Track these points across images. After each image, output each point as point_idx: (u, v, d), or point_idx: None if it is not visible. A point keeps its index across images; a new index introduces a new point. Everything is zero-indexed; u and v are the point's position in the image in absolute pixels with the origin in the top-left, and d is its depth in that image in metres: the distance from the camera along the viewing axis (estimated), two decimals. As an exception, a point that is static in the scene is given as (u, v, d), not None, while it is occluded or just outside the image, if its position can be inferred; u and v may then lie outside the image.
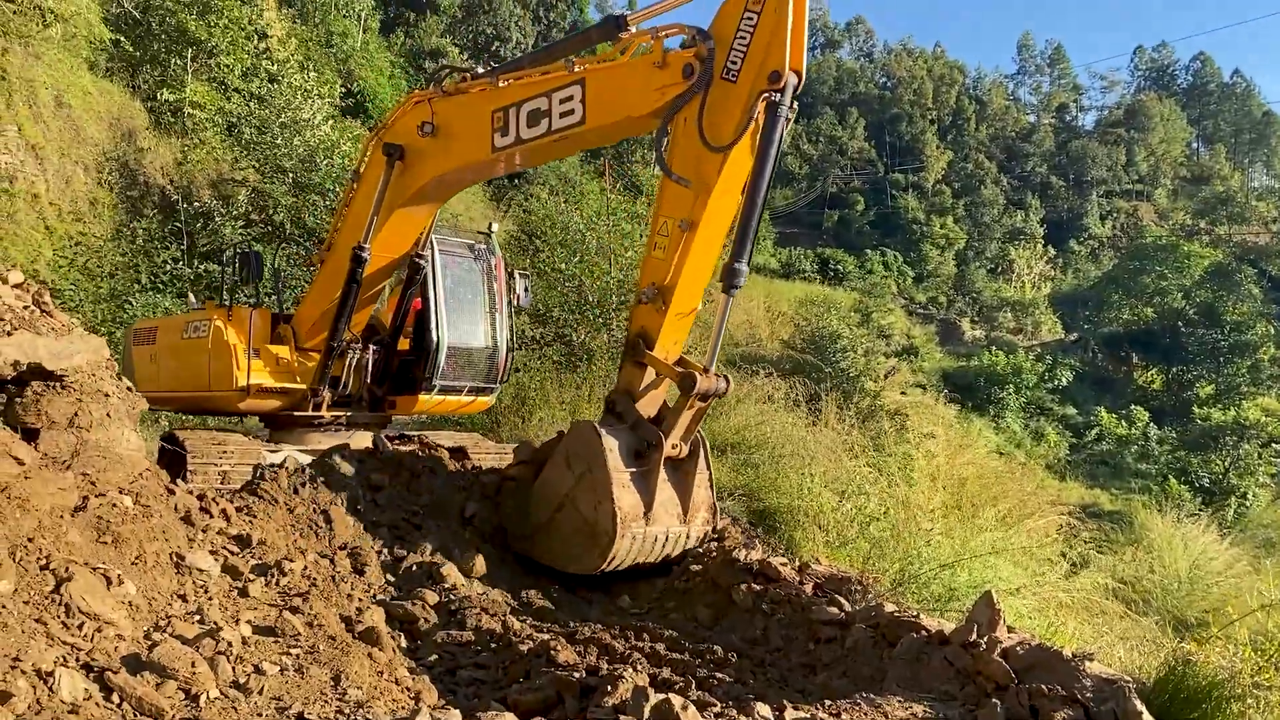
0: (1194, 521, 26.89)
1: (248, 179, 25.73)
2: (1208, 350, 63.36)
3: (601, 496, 7.89)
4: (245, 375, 11.04)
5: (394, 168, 10.24)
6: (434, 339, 11.59)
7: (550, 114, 8.75)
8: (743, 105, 7.49)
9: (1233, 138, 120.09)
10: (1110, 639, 9.05)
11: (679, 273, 7.88)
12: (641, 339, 8.17)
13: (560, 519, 8.33)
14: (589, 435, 8.12)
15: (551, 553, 8.45)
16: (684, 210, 7.81)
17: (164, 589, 5.10)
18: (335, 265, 11.16)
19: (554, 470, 8.50)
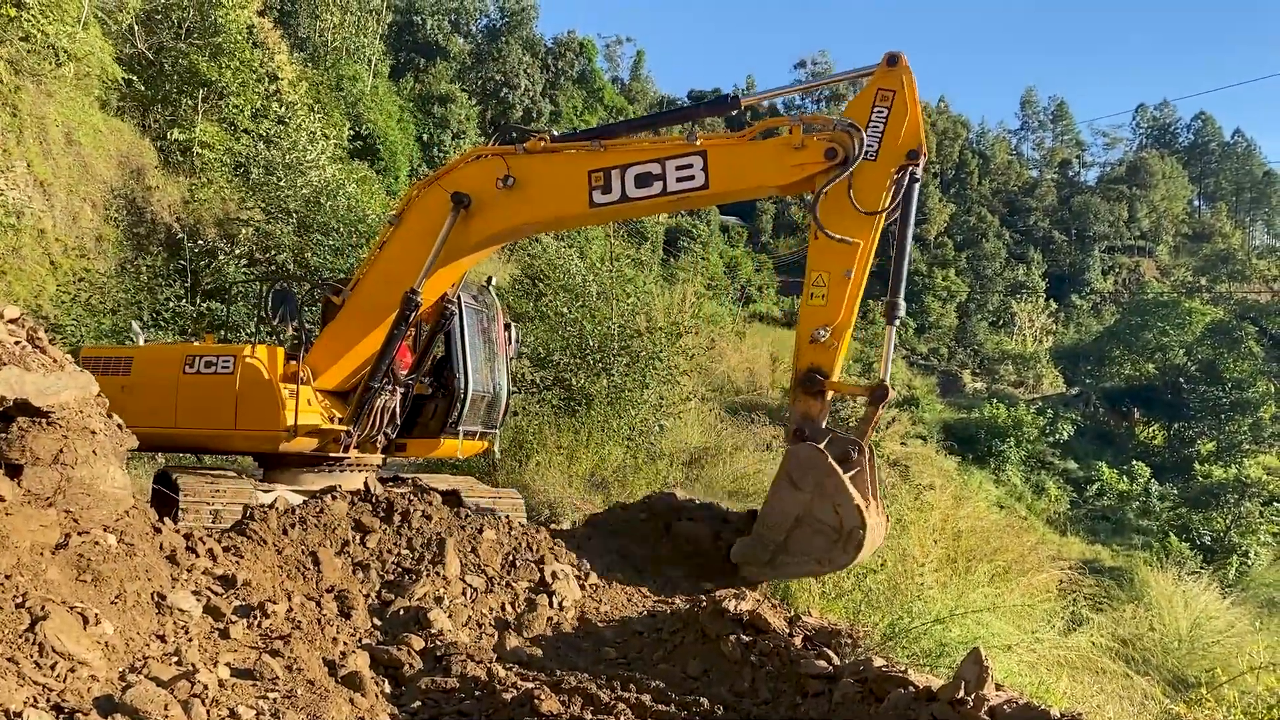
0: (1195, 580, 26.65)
1: (253, 219, 25.91)
2: (1209, 407, 63.21)
3: (840, 501, 8.99)
4: (293, 415, 10.90)
5: (458, 215, 10.61)
6: (460, 384, 11.73)
7: (665, 178, 9.99)
8: (885, 178, 9.35)
9: (1234, 196, 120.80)
10: (1101, 699, 8.94)
11: (851, 312, 9.52)
12: (815, 373, 9.55)
13: (798, 535, 9.25)
14: (813, 454, 9.18)
15: (797, 565, 9.47)
16: (845, 263, 9.41)
17: (143, 629, 5.05)
18: (360, 307, 11.29)
19: (781, 494, 9.41)
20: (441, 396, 12.11)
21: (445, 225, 10.65)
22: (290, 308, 11.45)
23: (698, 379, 24.85)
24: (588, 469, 17.84)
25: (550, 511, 15.10)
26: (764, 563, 9.52)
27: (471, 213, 10.69)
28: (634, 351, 21.68)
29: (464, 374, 11.82)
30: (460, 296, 11.87)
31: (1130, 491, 53.11)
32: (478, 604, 9.21)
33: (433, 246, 10.70)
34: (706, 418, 25.07)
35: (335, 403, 11.74)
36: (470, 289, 12.87)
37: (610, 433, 19.64)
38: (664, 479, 19.17)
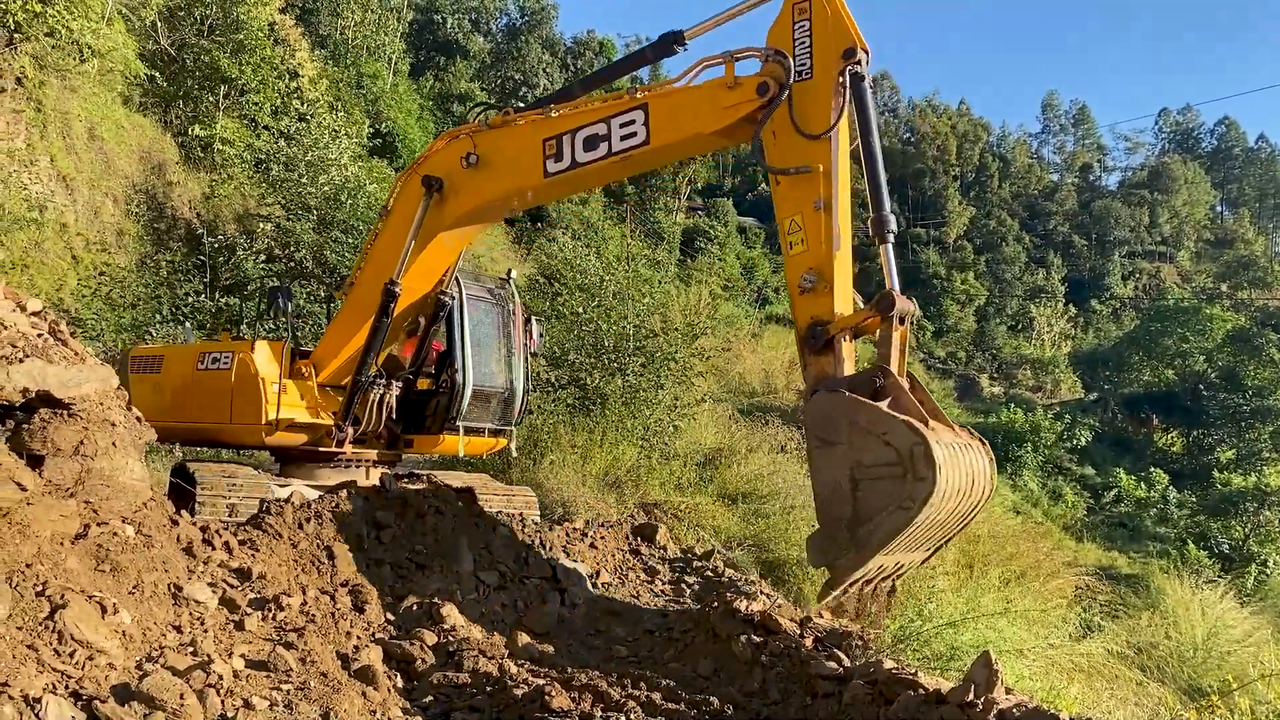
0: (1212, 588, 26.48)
1: (273, 215, 26.07)
2: (1229, 414, 62.73)
3: (883, 428, 7.28)
4: (275, 409, 11.05)
5: (431, 199, 10.49)
6: (459, 379, 11.67)
7: (610, 138, 9.28)
8: (828, 92, 8.22)
9: (1257, 202, 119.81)
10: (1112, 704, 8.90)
11: (830, 249, 8.15)
12: (815, 324, 8.11)
13: (863, 495, 7.38)
14: (829, 399, 7.73)
15: (881, 525, 7.25)
16: (811, 194, 8.22)
17: (159, 619, 5.12)
18: (358, 301, 11.27)
19: (820, 462, 7.72)
20: (443, 392, 12.01)
21: (419, 211, 10.57)
22: (283, 304, 11.59)
23: (713, 380, 24.85)
24: (602, 468, 17.85)
25: (564, 510, 15.13)
26: (846, 546, 7.46)
27: (444, 195, 10.53)
28: (649, 352, 21.68)
29: (463, 368, 11.70)
30: (460, 289, 11.76)
31: (1148, 498, 52.80)
32: (490, 600, 9.27)
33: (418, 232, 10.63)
34: (721, 419, 25.04)
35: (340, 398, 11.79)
36: (487, 282, 12.88)
37: (625, 433, 19.64)
38: (677, 479, 19.20)
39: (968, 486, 7.51)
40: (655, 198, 53.54)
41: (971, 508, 7.80)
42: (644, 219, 51.50)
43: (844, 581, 7.50)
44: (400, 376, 11.94)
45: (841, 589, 7.59)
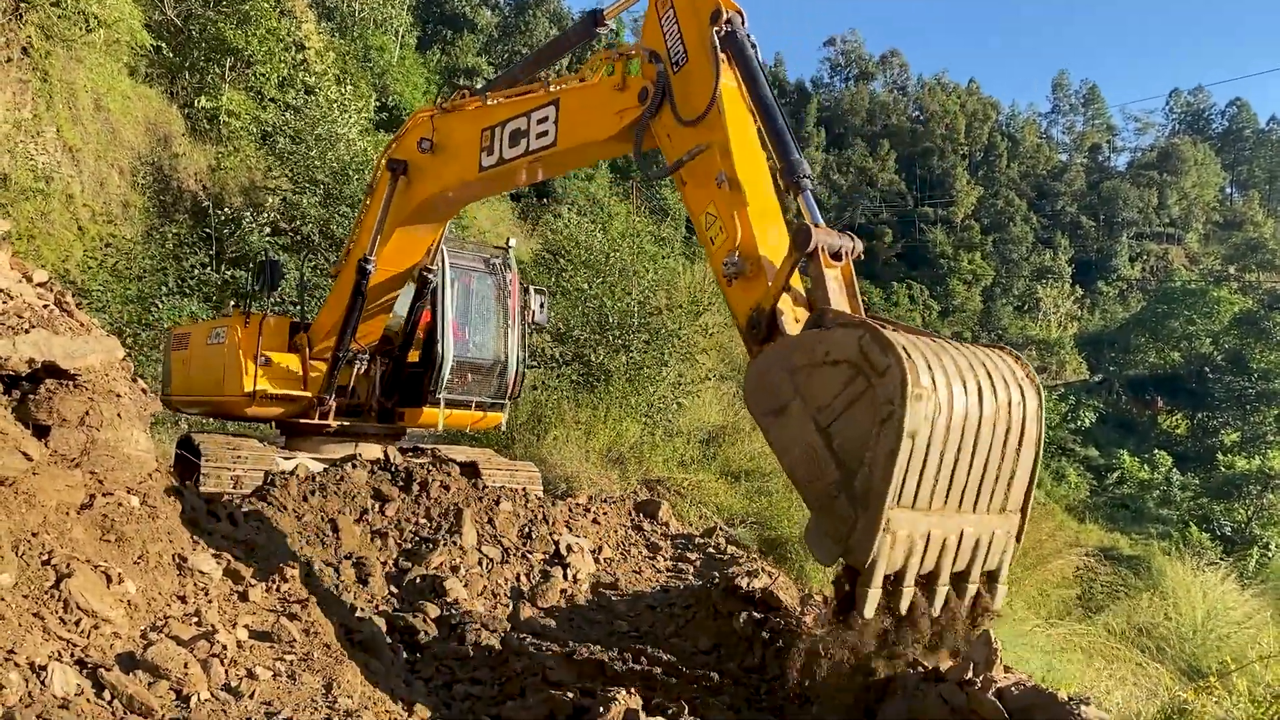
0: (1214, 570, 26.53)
1: (279, 188, 26.05)
2: (1234, 397, 62.73)
3: (823, 350, 5.83)
4: (252, 381, 11.20)
5: (398, 183, 10.35)
6: (439, 352, 11.68)
7: (529, 134, 8.73)
8: (705, 69, 7.26)
9: (1267, 184, 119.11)
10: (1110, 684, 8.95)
11: (746, 220, 6.90)
12: (755, 314, 6.59)
13: (840, 437, 5.68)
14: (759, 364, 6.34)
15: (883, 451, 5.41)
16: (712, 171, 7.12)
17: (164, 589, 5.16)
18: (347, 277, 11.29)
19: (778, 432, 6.08)
20: (428, 364, 11.97)
21: (386, 194, 10.45)
22: (271, 277, 11.66)
23: (717, 357, 24.85)
24: (605, 444, 17.92)
25: (567, 486, 15.20)
26: (849, 514, 5.57)
27: (409, 180, 10.33)
28: (653, 329, 21.71)
29: (442, 340, 11.66)
30: (444, 261, 11.70)
31: (1151, 480, 52.85)
32: (493, 574, 9.33)
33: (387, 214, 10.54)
34: (725, 397, 25.08)
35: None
36: (483, 252, 12.86)
37: (628, 409, 19.70)
38: (681, 457, 19.26)
39: (980, 380, 5.75)
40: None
41: (1010, 414, 5.85)
42: (649, 195, 51.35)
43: (873, 566, 5.47)
44: (388, 350, 11.99)
45: (876, 581, 5.52)
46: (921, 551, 5.61)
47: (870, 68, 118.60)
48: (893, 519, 5.42)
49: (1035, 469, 6.04)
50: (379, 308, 11.51)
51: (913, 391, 5.28)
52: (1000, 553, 6.02)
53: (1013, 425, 5.82)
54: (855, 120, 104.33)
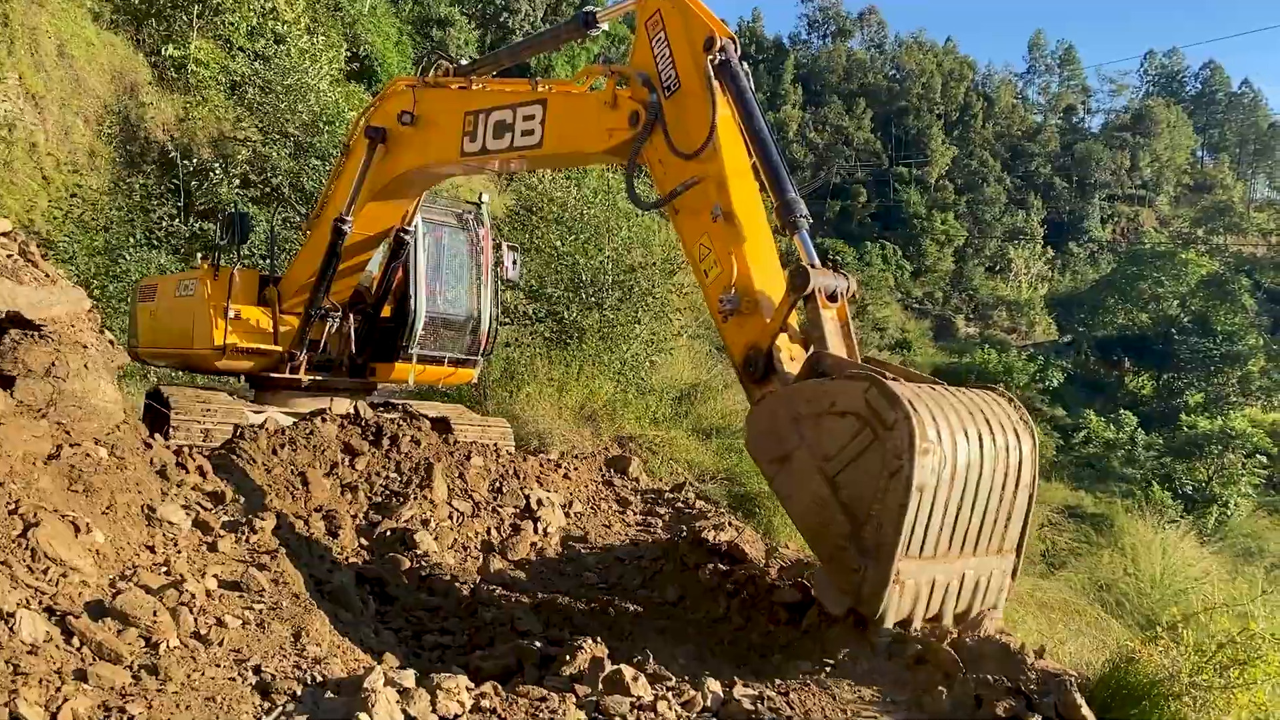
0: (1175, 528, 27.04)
1: (249, 139, 25.68)
2: (1199, 359, 63.61)
3: (829, 401, 5.96)
4: (222, 335, 11.17)
5: (375, 151, 10.22)
6: (412, 307, 11.69)
7: (514, 129, 8.65)
8: (700, 96, 7.23)
9: (1237, 148, 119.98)
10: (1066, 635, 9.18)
11: (743, 257, 6.97)
12: (751, 353, 6.74)
13: (845, 491, 5.88)
14: (763, 409, 6.50)
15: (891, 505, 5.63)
16: (708, 203, 7.13)
17: (133, 539, 5.19)
18: (321, 234, 11.23)
19: (786, 483, 6.27)
20: (401, 319, 12.00)
21: (363, 161, 10.31)
22: (239, 231, 11.58)
23: (690, 315, 24.89)
24: (578, 402, 17.97)
25: (539, 442, 15.26)
26: (858, 564, 5.79)
27: (388, 149, 10.18)
28: (627, 286, 21.71)
29: (415, 296, 11.70)
30: (419, 225, 11.64)
31: (1116, 440, 53.66)
32: (464, 528, 9.41)
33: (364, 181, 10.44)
34: (698, 354, 25.17)
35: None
36: (456, 207, 12.82)
37: (601, 366, 19.74)
38: (653, 414, 19.35)
39: (980, 429, 5.99)
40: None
41: (1009, 463, 6.12)
42: (625, 152, 50.96)
43: (883, 615, 5.74)
44: (359, 307, 11.98)
45: (891, 619, 5.79)
46: (927, 598, 5.95)
47: (848, 25, 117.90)
48: (902, 569, 5.68)
49: (1030, 509, 6.38)
50: (352, 266, 11.48)
51: (920, 446, 5.50)
52: (998, 591, 6.38)
53: (1010, 470, 6.12)
54: (832, 78, 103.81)
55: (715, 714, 5.07)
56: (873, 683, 5.61)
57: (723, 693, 5.30)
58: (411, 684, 4.58)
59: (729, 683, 5.44)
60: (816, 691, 5.41)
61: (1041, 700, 5.24)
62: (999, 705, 5.19)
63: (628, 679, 5.16)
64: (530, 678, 5.78)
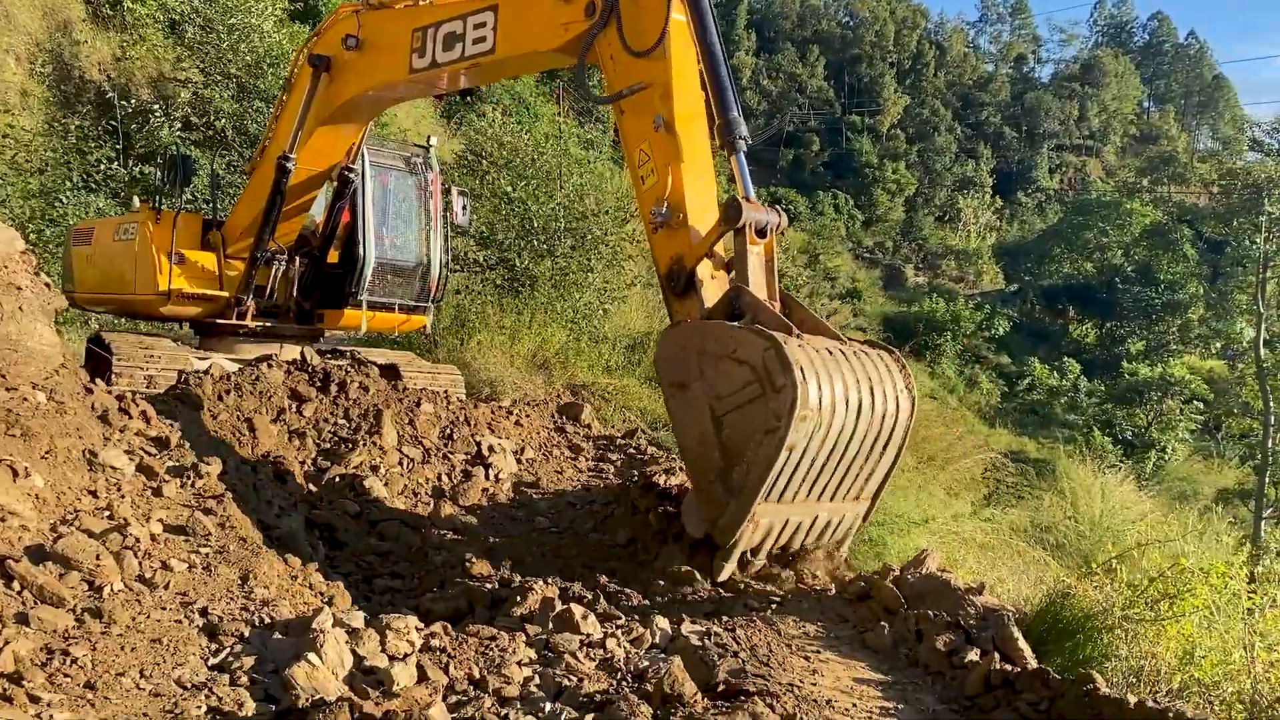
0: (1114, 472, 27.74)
1: (190, 80, 24.95)
2: (1141, 307, 64.82)
3: (732, 347, 6.33)
4: (167, 280, 10.95)
5: (320, 80, 10.06)
6: (360, 253, 11.52)
7: (464, 39, 8.60)
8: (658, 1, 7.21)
9: (1182, 99, 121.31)
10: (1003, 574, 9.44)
11: (679, 173, 7.08)
12: (675, 267, 7.04)
13: (729, 431, 6.34)
14: (673, 337, 6.90)
15: (755, 461, 6.17)
16: (651, 114, 7.22)
17: (74, 484, 5.12)
18: (264, 174, 11.00)
19: (678, 408, 6.76)
20: (349, 265, 11.82)
21: (307, 91, 10.16)
22: (182, 173, 11.33)
23: (643, 264, 24.84)
24: (530, 350, 17.92)
25: (491, 390, 15.21)
26: (722, 500, 6.39)
27: (332, 77, 10.06)
28: (580, 234, 21.56)
29: (363, 242, 11.50)
30: (365, 160, 11.44)
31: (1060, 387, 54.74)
32: (414, 474, 9.39)
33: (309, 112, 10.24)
34: (651, 303, 25.14)
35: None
36: (403, 150, 12.61)
37: (553, 315, 19.67)
38: (606, 362, 19.36)
39: (862, 396, 6.39)
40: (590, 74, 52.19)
41: (882, 427, 6.58)
42: (577, 97, 50.42)
43: (733, 545, 6.39)
44: (306, 250, 11.78)
45: (734, 557, 6.51)
46: (778, 534, 6.59)
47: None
48: (758, 511, 6.29)
49: (894, 465, 6.94)
50: (297, 207, 11.28)
51: (799, 413, 5.97)
52: (847, 530, 7.03)
53: (882, 433, 6.64)
54: (786, 24, 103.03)
55: (664, 650, 5.15)
56: (816, 619, 5.74)
57: (671, 629, 5.39)
58: (360, 624, 4.59)
59: (677, 620, 5.54)
60: (762, 627, 5.52)
61: (980, 634, 5.40)
62: (939, 639, 5.34)
63: (577, 617, 5.23)
64: (481, 619, 5.83)
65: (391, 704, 3.90)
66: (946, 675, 5.17)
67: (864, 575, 6.32)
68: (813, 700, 4.63)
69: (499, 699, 4.31)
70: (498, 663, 4.66)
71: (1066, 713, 4.54)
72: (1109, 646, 5.45)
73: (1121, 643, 5.42)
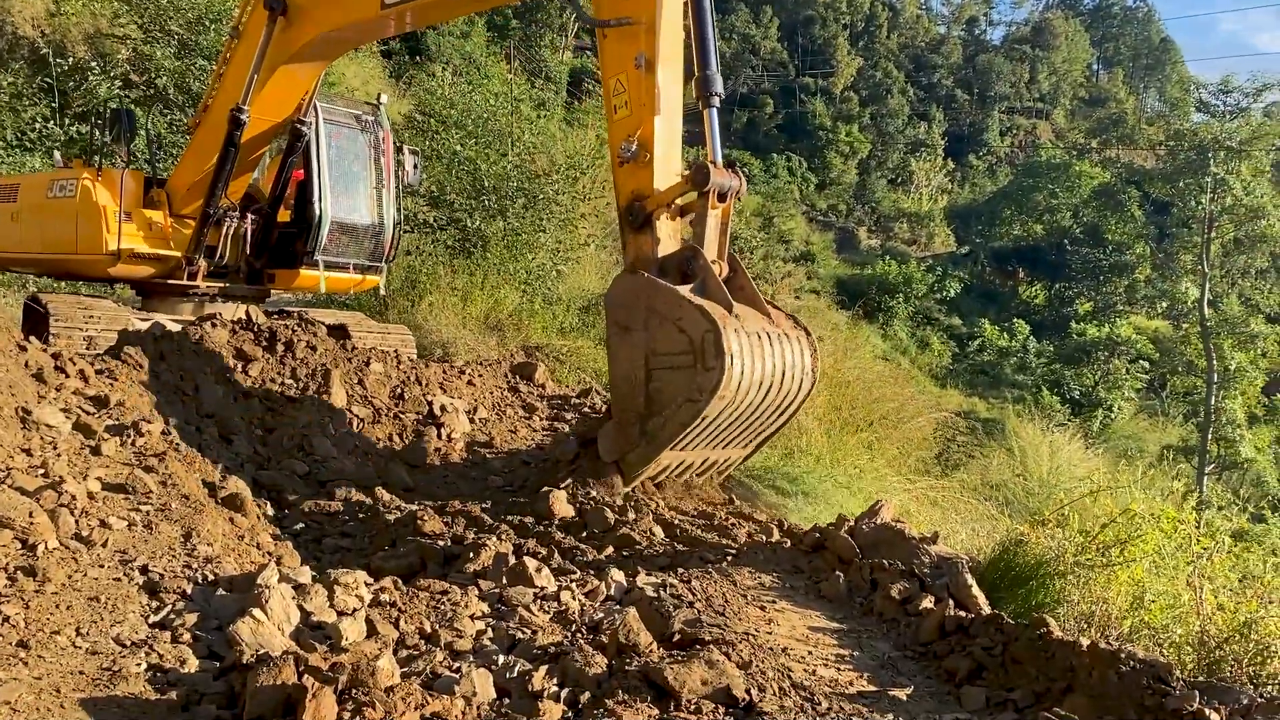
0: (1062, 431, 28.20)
1: (129, 36, 24.20)
2: (1089, 269, 65.66)
3: (678, 315, 6.98)
4: (116, 239, 10.61)
5: (275, 23, 9.81)
6: (316, 211, 11.25)
7: None
8: None
9: (1131, 61, 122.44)
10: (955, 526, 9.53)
11: (651, 124, 7.38)
12: (636, 200, 7.48)
13: (656, 386, 7.15)
14: (628, 284, 7.41)
15: (671, 418, 7.07)
16: (633, 48, 7.42)
17: (6, 442, 4.94)
18: (212, 128, 10.69)
19: (616, 349, 7.54)
20: (303, 224, 11.56)
21: (263, 37, 9.90)
22: (126, 129, 10.95)
23: (596, 223, 24.65)
24: (483, 311, 17.72)
25: (443, 352, 15.04)
26: (636, 440, 7.33)
27: (289, 20, 9.83)
28: (531, 194, 21.31)
29: (320, 200, 11.24)
30: (318, 116, 11.18)
31: (1009, 347, 55.44)
32: (363, 433, 9.24)
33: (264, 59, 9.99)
34: (605, 264, 24.97)
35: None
36: (354, 108, 12.34)
37: (506, 276, 19.47)
38: (560, 324, 19.23)
39: (775, 379, 7.21)
40: (541, 34, 51.54)
41: (784, 400, 7.46)
42: (529, 56, 49.75)
43: (634, 477, 7.50)
44: (257, 208, 11.50)
45: (633, 484, 7.60)
46: (673, 469, 7.73)
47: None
48: (663, 456, 7.34)
49: (782, 426, 7.99)
50: (249, 163, 11.02)
51: (720, 392, 6.76)
52: (728, 466, 8.25)
53: (782, 406, 7.56)
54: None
55: (619, 602, 5.11)
56: (772, 569, 5.73)
57: (626, 582, 5.34)
58: (308, 580, 4.49)
59: (633, 574, 5.49)
60: (718, 579, 5.50)
61: (934, 582, 5.42)
62: (894, 588, 5.35)
63: (531, 570, 5.17)
64: (433, 575, 5.74)
65: (339, 658, 3.81)
66: (901, 623, 5.19)
67: (818, 526, 6.32)
68: (769, 649, 4.61)
69: (451, 652, 4.24)
70: (449, 616, 4.58)
71: (1019, 656, 4.57)
72: (1061, 592, 5.50)
73: (1073, 588, 5.47)
